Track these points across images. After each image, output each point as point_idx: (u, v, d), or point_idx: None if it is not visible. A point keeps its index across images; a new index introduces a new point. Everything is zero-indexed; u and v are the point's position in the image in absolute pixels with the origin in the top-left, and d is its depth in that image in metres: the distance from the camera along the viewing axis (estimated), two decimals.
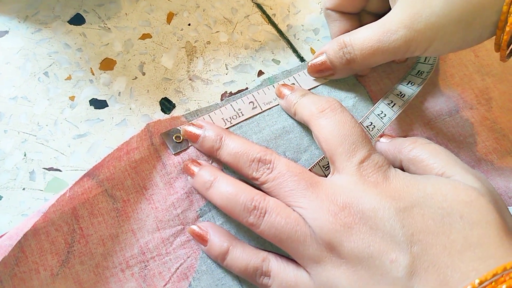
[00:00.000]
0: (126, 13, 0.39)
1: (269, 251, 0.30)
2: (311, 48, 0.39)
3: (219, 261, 0.30)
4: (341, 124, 0.29)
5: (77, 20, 0.39)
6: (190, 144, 0.33)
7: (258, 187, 0.31)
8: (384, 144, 0.33)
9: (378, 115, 0.34)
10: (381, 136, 0.33)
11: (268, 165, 0.30)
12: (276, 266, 0.29)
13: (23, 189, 0.33)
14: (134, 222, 0.31)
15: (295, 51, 0.39)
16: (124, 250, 0.30)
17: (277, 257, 0.30)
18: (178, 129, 0.33)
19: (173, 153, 0.32)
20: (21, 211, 0.32)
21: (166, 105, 0.36)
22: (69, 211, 0.30)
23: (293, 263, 0.29)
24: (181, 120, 0.34)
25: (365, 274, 0.26)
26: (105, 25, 0.39)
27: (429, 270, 0.24)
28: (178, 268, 0.30)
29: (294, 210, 0.29)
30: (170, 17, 0.40)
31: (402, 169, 0.30)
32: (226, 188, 0.30)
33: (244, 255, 0.30)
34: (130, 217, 0.31)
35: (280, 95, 0.35)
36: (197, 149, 0.33)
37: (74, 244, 0.30)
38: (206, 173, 0.31)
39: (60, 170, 0.33)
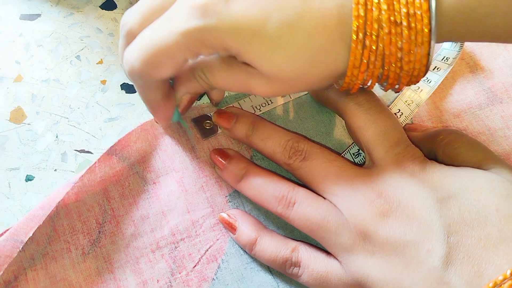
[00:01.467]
0: None
1: (298, 240, 0.30)
2: None
3: (247, 250, 0.30)
4: (377, 115, 0.29)
5: (109, 5, 0.39)
6: (220, 130, 0.33)
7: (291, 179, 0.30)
8: (418, 135, 0.32)
9: (405, 101, 0.34)
10: (410, 127, 0.33)
11: (301, 152, 0.29)
12: (306, 256, 0.29)
13: (55, 170, 0.33)
14: (165, 204, 0.31)
15: None
16: (155, 231, 0.31)
17: (307, 247, 0.29)
18: (208, 115, 0.33)
19: (203, 138, 0.33)
20: (52, 192, 0.32)
21: None
22: (100, 192, 0.30)
23: (324, 252, 0.29)
24: (210, 108, 0.34)
25: (400, 263, 0.25)
26: None
27: (464, 261, 0.24)
28: (207, 250, 0.31)
29: (326, 198, 0.28)
30: None
31: (437, 161, 0.29)
32: (255, 180, 0.30)
33: (273, 246, 0.29)
34: (160, 199, 0.31)
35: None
36: (228, 135, 0.33)
37: (105, 224, 0.30)
38: (235, 167, 0.31)
39: (91, 153, 0.34)
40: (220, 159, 0.32)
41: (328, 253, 0.29)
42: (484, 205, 0.25)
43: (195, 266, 0.30)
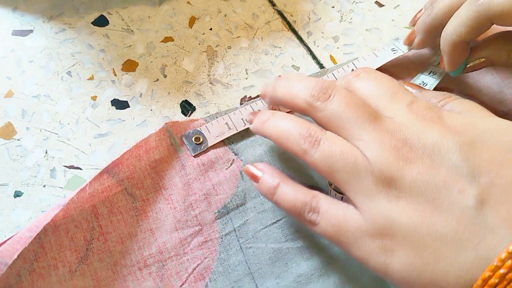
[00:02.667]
0: (149, 16, 0.40)
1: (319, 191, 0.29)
2: (330, 55, 0.39)
3: (268, 197, 0.30)
4: (378, 80, 0.29)
5: (101, 21, 0.39)
6: (210, 146, 0.33)
7: None
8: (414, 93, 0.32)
9: None
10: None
11: (327, 93, 0.28)
12: (325, 203, 0.28)
13: (44, 186, 0.33)
14: (153, 221, 0.31)
15: (314, 58, 0.39)
16: (142, 249, 0.31)
17: (327, 196, 0.28)
18: (198, 130, 0.33)
19: (193, 154, 0.33)
20: (41, 208, 0.32)
21: (187, 108, 0.36)
22: (89, 208, 0.30)
23: (344, 202, 0.28)
24: (200, 122, 0.34)
25: (429, 207, 0.24)
26: (128, 27, 0.39)
27: (500, 200, 0.23)
28: (195, 269, 0.31)
29: (353, 144, 0.27)
30: (192, 21, 0.40)
31: None
32: (281, 122, 0.29)
33: (294, 191, 0.29)
34: (149, 216, 0.31)
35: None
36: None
37: (93, 241, 0.30)
38: (264, 113, 0.31)
39: (80, 169, 0.34)
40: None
41: (348, 203, 0.27)
42: None
43: (182, 284, 0.30)
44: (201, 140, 0.33)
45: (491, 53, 0.33)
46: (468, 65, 0.33)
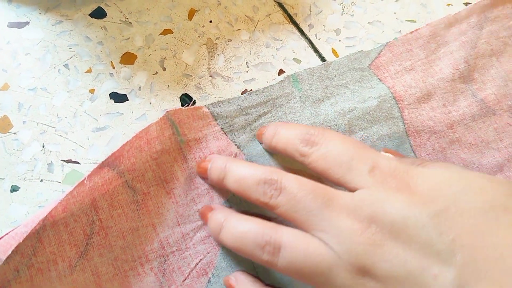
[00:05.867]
0: (147, 8, 0.39)
1: None
2: (332, 48, 0.39)
3: None
4: (334, 146, 0.27)
5: (99, 13, 0.38)
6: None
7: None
8: None
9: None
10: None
11: (275, 185, 0.26)
12: None
13: (41, 180, 0.32)
14: (155, 216, 0.30)
15: (316, 51, 0.39)
16: (144, 244, 0.30)
17: None
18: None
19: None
20: (38, 203, 0.32)
21: (186, 101, 0.36)
22: (88, 202, 0.29)
23: None
24: (203, 111, 0.33)
25: None
26: (126, 19, 0.38)
27: (480, 278, 0.21)
28: (197, 264, 0.30)
29: (314, 235, 0.25)
30: (191, 13, 0.39)
31: None
32: (235, 228, 0.27)
33: None
34: (150, 210, 0.30)
35: (258, 137, 0.33)
36: (210, 185, 0.32)
37: (93, 235, 0.29)
38: (218, 215, 0.29)
39: (78, 163, 0.33)
40: (205, 211, 0.31)
41: None
42: (491, 206, 0.22)
43: (185, 280, 0.30)
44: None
45: None
46: None
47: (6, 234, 0.28)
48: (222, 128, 0.33)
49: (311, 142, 0.28)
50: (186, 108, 0.32)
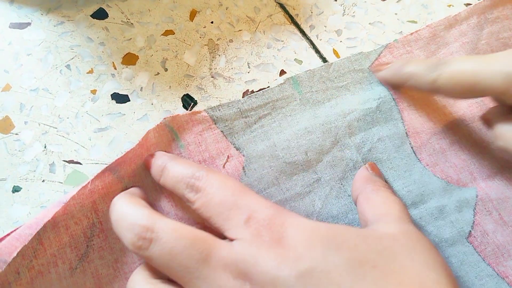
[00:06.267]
0: (149, 9, 0.39)
1: None
2: (333, 49, 0.39)
3: None
4: (215, 193, 0.26)
5: (100, 14, 0.39)
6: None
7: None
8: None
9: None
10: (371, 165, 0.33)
11: (149, 233, 0.25)
12: None
13: (43, 181, 0.32)
14: None
15: (317, 51, 0.39)
16: None
17: None
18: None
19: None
20: (40, 203, 0.32)
21: (188, 102, 0.36)
22: (89, 205, 0.30)
23: None
24: (202, 115, 0.33)
25: None
26: (128, 20, 0.38)
27: None
28: None
29: None
30: (193, 14, 0.39)
31: None
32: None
33: None
34: None
35: (147, 166, 0.31)
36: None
37: (93, 238, 0.29)
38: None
39: (80, 163, 0.33)
40: None
41: None
42: (359, 263, 0.23)
43: None
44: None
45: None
46: None
47: (8, 234, 0.28)
48: (222, 131, 0.33)
49: (195, 188, 0.27)
50: (184, 114, 0.33)
